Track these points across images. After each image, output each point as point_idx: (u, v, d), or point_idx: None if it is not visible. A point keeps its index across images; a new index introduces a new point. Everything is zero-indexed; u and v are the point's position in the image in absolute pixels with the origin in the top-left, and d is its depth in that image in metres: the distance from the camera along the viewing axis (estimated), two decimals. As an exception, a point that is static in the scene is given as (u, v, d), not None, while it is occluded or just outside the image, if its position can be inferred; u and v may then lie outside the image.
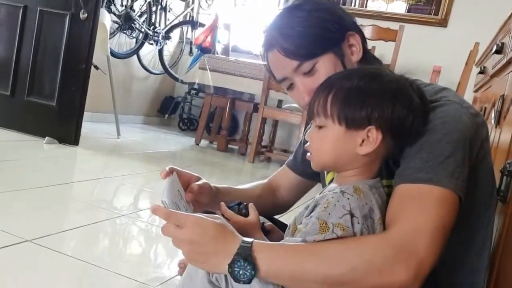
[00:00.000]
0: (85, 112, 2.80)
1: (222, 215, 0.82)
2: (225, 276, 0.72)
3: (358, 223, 0.66)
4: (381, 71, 0.75)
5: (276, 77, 0.88)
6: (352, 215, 0.66)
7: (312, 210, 0.71)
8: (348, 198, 0.67)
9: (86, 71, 2.71)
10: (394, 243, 0.64)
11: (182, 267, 0.98)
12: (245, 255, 0.64)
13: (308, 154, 0.76)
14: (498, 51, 1.27)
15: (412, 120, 0.70)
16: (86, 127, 2.94)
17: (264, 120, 3.53)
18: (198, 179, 0.95)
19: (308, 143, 0.76)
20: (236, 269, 0.64)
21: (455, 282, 0.80)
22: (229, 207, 0.87)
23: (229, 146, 3.96)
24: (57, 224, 1.45)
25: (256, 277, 0.65)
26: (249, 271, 0.64)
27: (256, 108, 3.67)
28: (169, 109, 4.83)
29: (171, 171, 0.86)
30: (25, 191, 1.72)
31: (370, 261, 0.63)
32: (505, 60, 1.20)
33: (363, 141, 0.70)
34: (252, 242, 0.66)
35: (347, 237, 0.66)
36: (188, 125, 4.87)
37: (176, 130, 4.79)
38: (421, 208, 0.66)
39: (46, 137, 2.66)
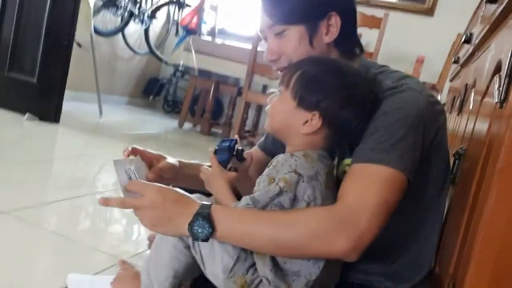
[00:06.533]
0: (67, 91, 2.78)
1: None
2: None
3: (303, 181, 0.74)
4: (350, 71, 0.81)
5: (259, 26, 0.93)
6: (298, 174, 0.74)
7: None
8: (296, 160, 0.76)
9: (68, 48, 2.69)
10: (338, 215, 0.70)
11: (152, 240, 1.02)
12: (204, 214, 0.71)
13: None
14: (467, 41, 1.31)
15: (356, 126, 0.77)
16: (68, 105, 2.93)
17: (248, 105, 3.53)
18: (160, 158, 0.98)
19: (268, 106, 0.85)
20: (195, 227, 0.71)
21: (406, 261, 0.86)
22: (223, 141, 0.88)
23: (213, 129, 3.96)
24: (37, 198, 1.47)
25: (212, 236, 0.71)
26: (206, 229, 0.70)
27: (240, 92, 3.67)
28: (154, 91, 4.81)
29: (133, 152, 0.92)
30: (4, 166, 1.73)
31: (315, 230, 0.69)
32: (471, 50, 1.24)
33: (306, 121, 0.78)
34: (211, 204, 0.74)
35: (296, 207, 0.73)
36: (172, 107, 4.85)
37: (161, 112, 4.78)
38: (368, 186, 0.72)
39: (27, 114, 2.65)
